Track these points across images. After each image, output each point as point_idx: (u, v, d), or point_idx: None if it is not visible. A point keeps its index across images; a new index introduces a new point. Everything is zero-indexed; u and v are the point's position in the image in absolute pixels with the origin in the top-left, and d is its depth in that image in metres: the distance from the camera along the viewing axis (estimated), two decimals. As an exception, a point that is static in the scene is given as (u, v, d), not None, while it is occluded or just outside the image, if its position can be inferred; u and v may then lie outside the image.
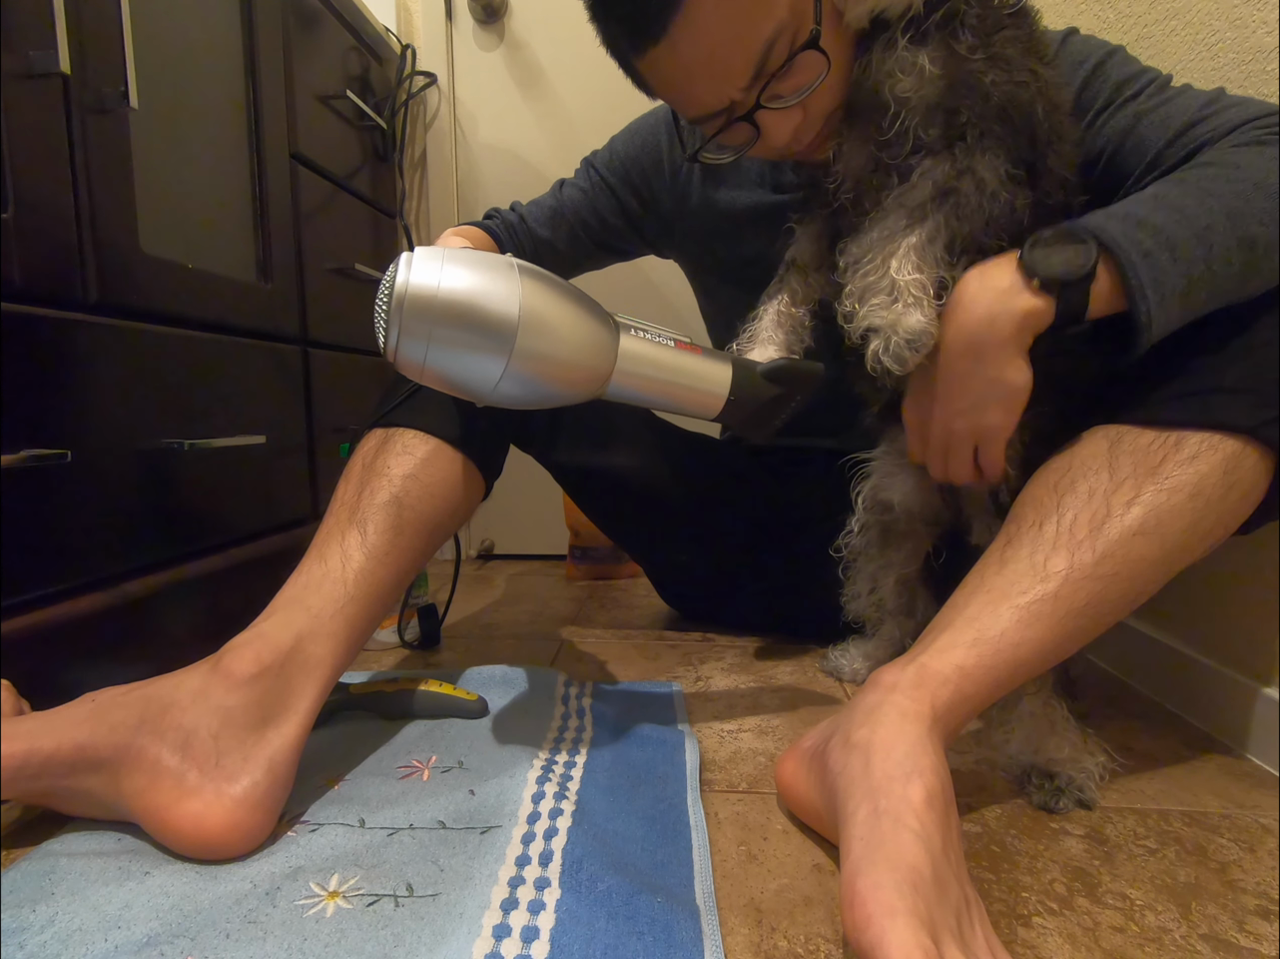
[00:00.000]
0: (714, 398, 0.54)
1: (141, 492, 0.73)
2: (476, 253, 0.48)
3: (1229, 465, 0.50)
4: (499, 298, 0.45)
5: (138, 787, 0.48)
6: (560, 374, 0.49)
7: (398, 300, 0.45)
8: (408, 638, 0.93)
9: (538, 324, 0.46)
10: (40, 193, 0.61)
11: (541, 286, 0.47)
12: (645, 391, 0.53)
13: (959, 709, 0.50)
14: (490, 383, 0.47)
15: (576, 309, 0.49)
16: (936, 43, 0.53)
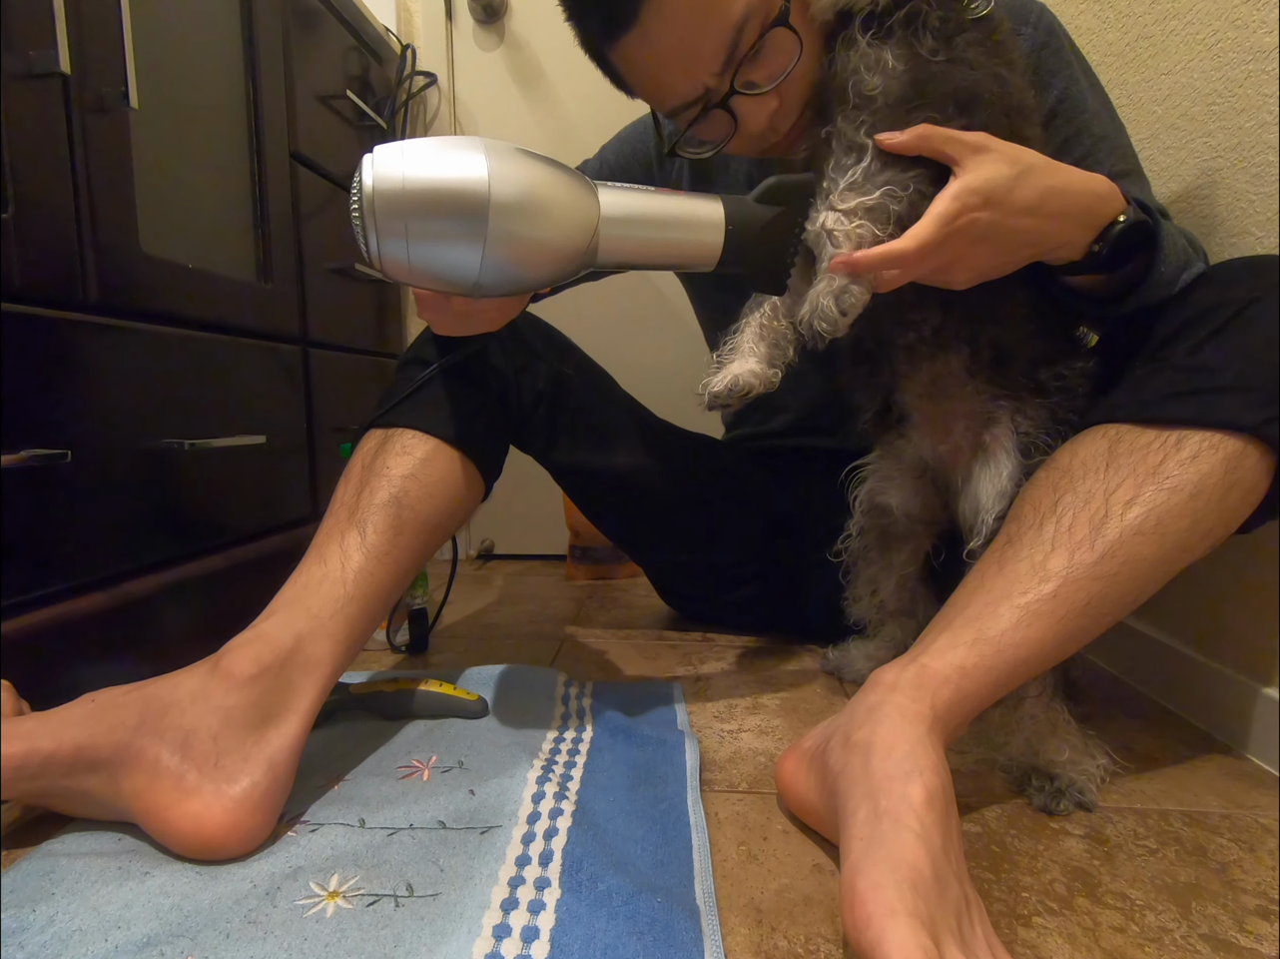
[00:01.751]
0: (712, 234, 0.51)
1: (141, 492, 0.73)
2: (437, 138, 0.47)
3: (1230, 465, 0.50)
4: (466, 173, 0.44)
5: (137, 787, 0.48)
6: (544, 239, 0.47)
7: (368, 203, 0.44)
8: (397, 641, 0.92)
9: (510, 191, 0.45)
10: (40, 193, 0.61)
11: (509, 155, 0.46)
12: (640, 246, 0.51)
13: (959, 709, 0.50)
14: (475, 264, 0.46)
15: (549, 172, 0.47)
16: (899, 40, 0.53)
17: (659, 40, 0.58)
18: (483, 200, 0.44)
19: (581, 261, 0.50)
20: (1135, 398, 0.55)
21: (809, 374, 0.70)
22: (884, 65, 0.53)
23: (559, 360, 0.79)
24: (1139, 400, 0.54)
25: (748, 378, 0.60)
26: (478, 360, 0.72)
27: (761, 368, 0.60)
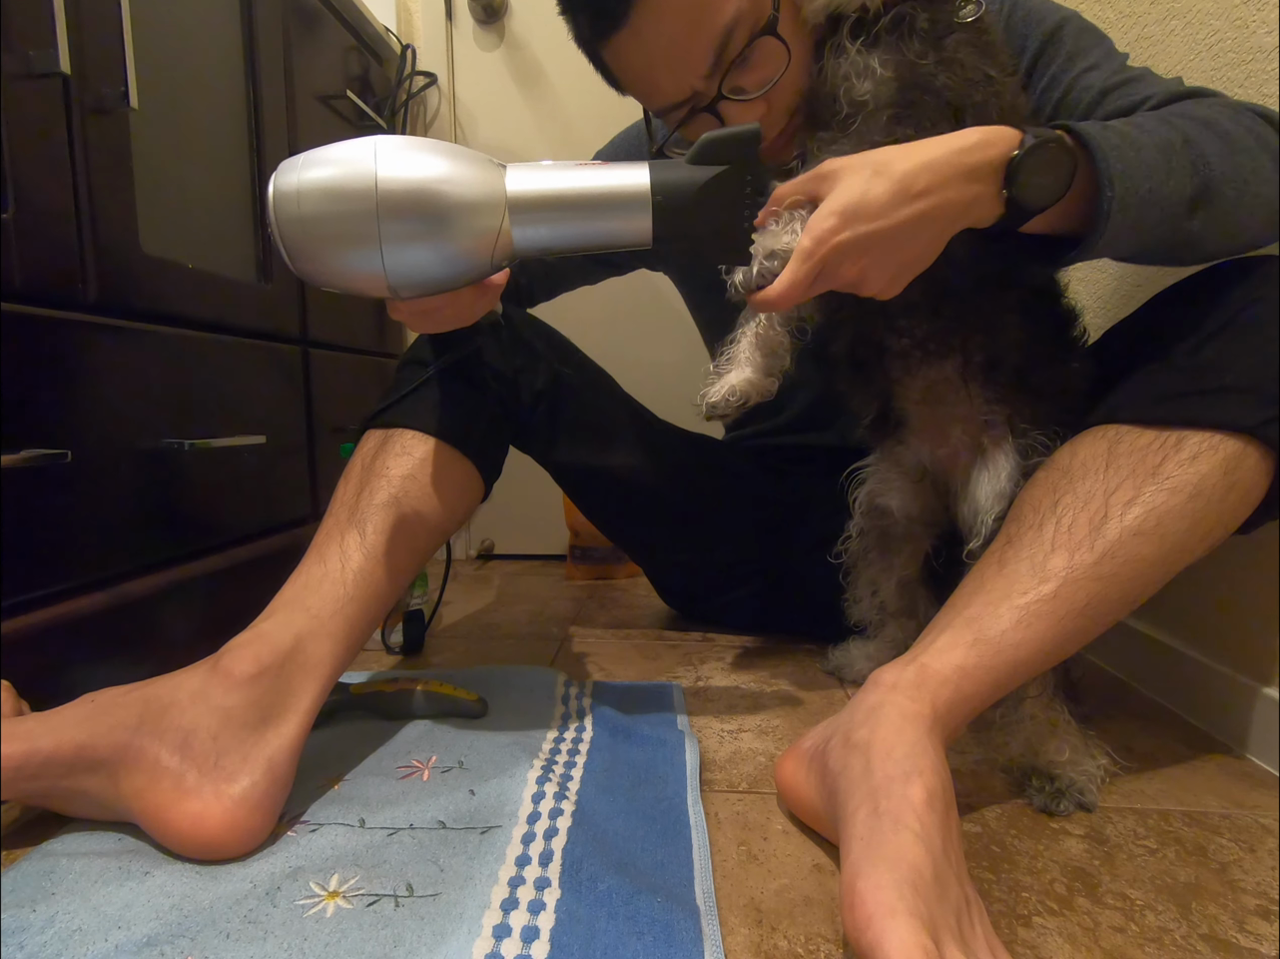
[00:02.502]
0: (638, 205, 0.46)
1: (141, 492, 0.73)
2: (337, 144, 0.46)
3: (1229, 465, 0.50)
4: (354, 174, 0.44)
5: (137, 787, 0.48)
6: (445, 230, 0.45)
7: (271, 210, 0.44)
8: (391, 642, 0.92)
9: (399, 187, 0.44)
10: (40, 193, 0.61)
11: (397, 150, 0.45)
12: (559, 227, 0.47)
13: (959, 709, 0.50)
14: (377, 264, 0.45)
15: (443, 160, 0.45)
16: (886, 46, 0.53)
17: (649, 40, 0.58)
18: (369, 192, 0.44)
19: (499, 250, 0.47)
20: (1135, 398, 0.55)
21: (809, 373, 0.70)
22: (873, 71, 0.53)
23: (559, 360, 0.79)
24: (1139, 401, 0.54)
25: (744, 387, 0.60)
26: (476, 360, 0.72)
27: (758, 377, 0.61)
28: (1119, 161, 0.50)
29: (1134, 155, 0.50)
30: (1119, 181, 0.50)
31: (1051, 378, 0.61)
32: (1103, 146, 0.50)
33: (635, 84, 0.63)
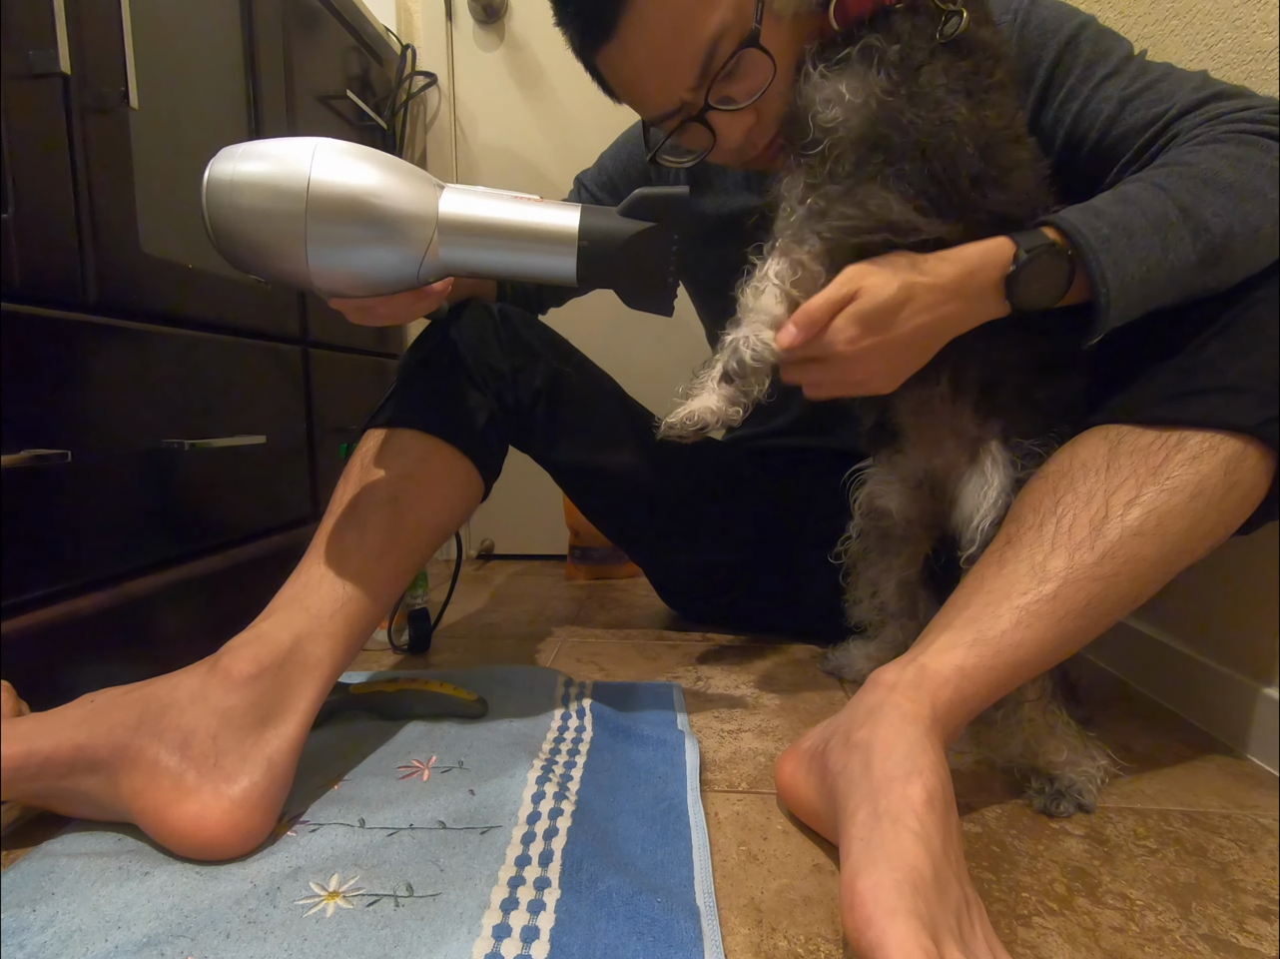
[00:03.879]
0: (564, 247, 0.49)
1: (141, 492, 0.73)
2: (278, 140, 0.47)
3: (1230, 465, 0.50)
4: (286, 170, 0.45)
5: (136, 787, 0.48)
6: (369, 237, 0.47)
7: (202, 195, 0.46)
8: (398, 642, 0.92)
9: (332, 193, 0.45)
10: (40, 193, 0.61)
11: (336, 156, 0.46)
12: (485, 251, 0.49)
13: (959, 710, 0.50)
14: (301, 263, 0.46)
15: (381, 170, 0.47)
16: (854, 74, 0.53)
17: (636, 53, 0.59)
18: (299, 195, 0.45)
19: (425, 265, 0.49)
20: (1136, 398, 0.55)
21: None
22: (840, 97, 0.53)
23: (558, 360, 0.80)
24: (1140, 401, 0.54)
25: (703, 414, 0.61)
26: (478, 360, 0.72)
27: (721, 405, 0.60)
28: (1109, 254, 0.52)
29: (1125, 243, 0.52)
30: (1112, 275, 0.52)
31: (1045, 390, 0.60)
32: (1092, 244, 0.52)
33: (627, 94, 0.64)
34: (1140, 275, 0.52)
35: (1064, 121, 0.62)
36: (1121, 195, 0.54)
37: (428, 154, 1.45)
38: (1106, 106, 0.59)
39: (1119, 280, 0.52)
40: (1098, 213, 0.53)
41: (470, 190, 0.50)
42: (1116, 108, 0.59)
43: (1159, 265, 0.53)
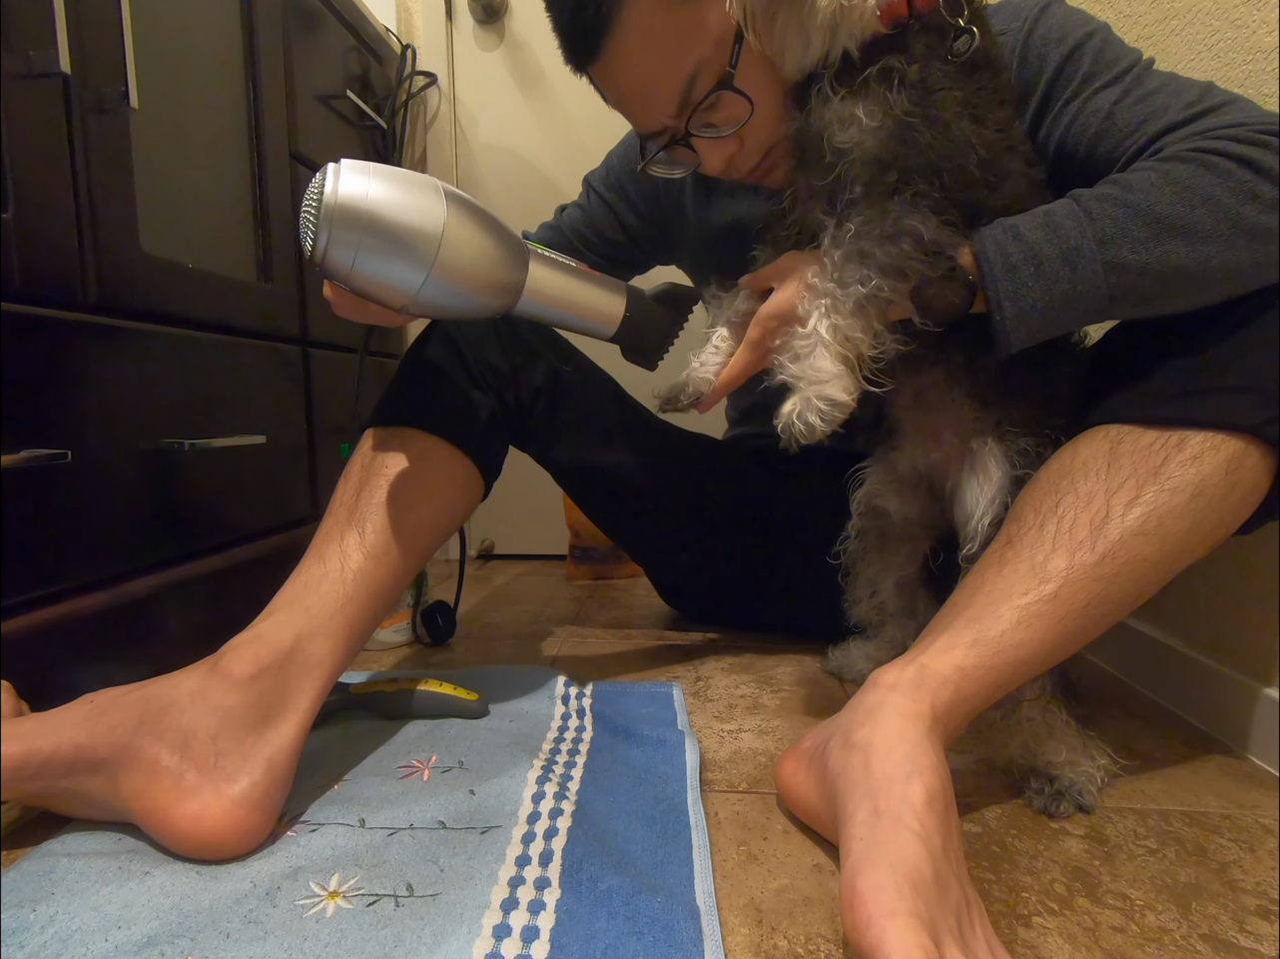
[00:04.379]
0: (612, 318, 0.62)
1: (141, 492, 0.73)
2: (402, 170, 0.51)
3: (1231, 465, 0.50)
4: (424, 213, 0.50)
5: (136, 787, 0.48)
6: (475, 286, 0.54)
7: (327, 209, 0.48)
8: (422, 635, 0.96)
9: (458, 240, 0.51)
10: (40, 193, 0.61)
11: (463, 207, 0.52)
12: (552, 309, 0.60)
13: (959, 709, 0.50)
14: (411, 291, 0.51)
15: (493, 229, 0.54)
16: (873, 96, 0.52)
17: (619, 78, 0.62)
18: (433, 246, 0.50)
19: (500, 309, 0.58)
20: (1136, 398, 0.55)
21: None
22: (857, 120, 0.52)
23: (558, 358, 0.80)
24: (1140, 401, 0.54)
25: (699, 384, 0.65)
26: (478, 359, 0.72)
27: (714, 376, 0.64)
28: (1010, 283, 0.53)
29: (1030, 272, 0.52)
30: (1009, 304, 0.53)
31: (1037, 382, 0.60)
32: (995, 272, 0.53)
33: (617, 108, 0.67)
34: (1044, 304, 0.53)
35: (1054, 135, 0.61)
36: (1048, 217, 0.53)
37: (428, 154, 1.45)
38: (1095, 120, 0.58)
39: (1016, 308, 0.53)
40: (1016, 235, 0.53)
41: (549, 258, 0.59)
42: (1105, 121, 0.58)
43: (1066, 296, 0.52)
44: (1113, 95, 0.58)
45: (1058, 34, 0.61)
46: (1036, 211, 0.54)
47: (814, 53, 0.53)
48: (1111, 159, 0.58)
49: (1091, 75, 0.59)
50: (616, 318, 0.62)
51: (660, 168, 0.68)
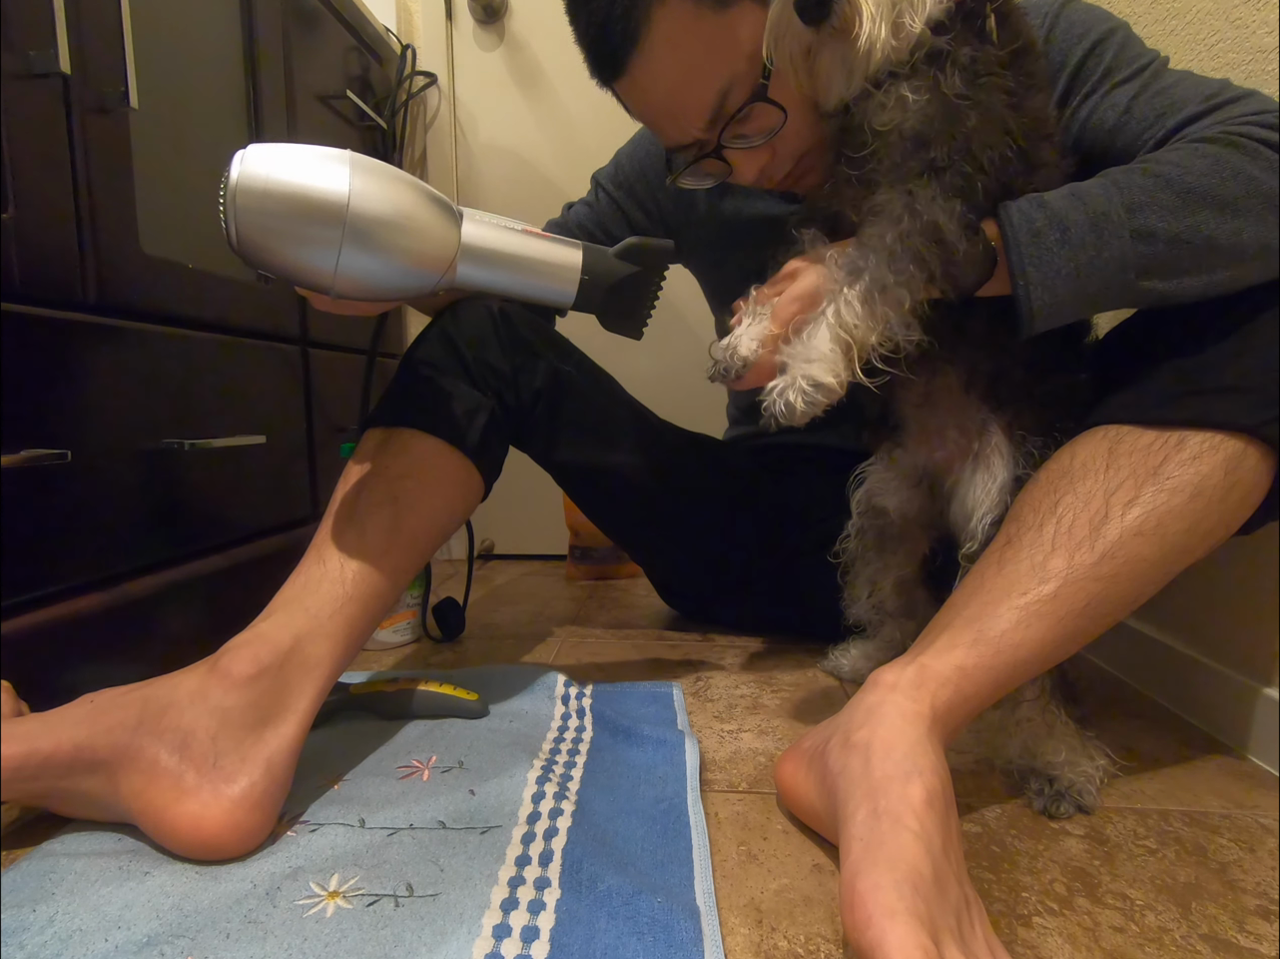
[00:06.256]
0: (567, 278, 0.56)
1: (141, 492, 0.73)
2: (309, 147, 0.49)
3: (1230, 465, 0.50)
4: (327, 187, 0.47)
5: (135, 787, 0.48)
6: (397, 259, 0.50)
7: (230, 196, 0.46)
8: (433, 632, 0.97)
9: (369, 212, 0.48)
10: (40, 193, 0.61)
11: (374, 176, 0.49)
12: (498, 276, 0.55)
13: (959, 710, 0.50)
14: (329, 267, 0.49)
15: (413, 196, 0.50)
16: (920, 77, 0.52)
17: (648, 92, 0.62)
18: (340, 214, 0.48)
19: (438, 283, 0.53)
20: (1136, 398, 0.55)
21: None
22: (904, 101, 0.52)
23: (558, 358, 0.79)
24: (1140, 401, 0.54)
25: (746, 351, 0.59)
26: (478, 360, 0.72)
27: None
28: (1035, 248, 0.51)
29: (1056, 238, 0.51)
30: (1035, 269, 0.52)
31: (1050, 385, 0.60)
32: (1020, 236, 0.52)
33: (644, 121, 0.66)
34: (1069, 272, 0.51)
35: (1073, 129, 0.61)
36: (1075, 188, 0.53)
37: (428, 154, 1.45)
38: (1113, 113, 0.59)
39: (1041, 274, 0.51)
40: (1042, 204, 0.52)
41: (488, 220, 0.55)
42: (1124, 114, 0.58)
43: (1091, 264, 0.51)
44: (1131, 90, 0.58)
45: (1080, 29, 0.61)
46: (1062, 188, 0.54)
47: (857, 84, 0.53)
48: (1131, 151, 0.58)
49: (1111, 70, 0.60)
50: (574, 278, 0.57)
51: (690, 179, 0.68)
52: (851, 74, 0.52)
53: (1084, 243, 0.51)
